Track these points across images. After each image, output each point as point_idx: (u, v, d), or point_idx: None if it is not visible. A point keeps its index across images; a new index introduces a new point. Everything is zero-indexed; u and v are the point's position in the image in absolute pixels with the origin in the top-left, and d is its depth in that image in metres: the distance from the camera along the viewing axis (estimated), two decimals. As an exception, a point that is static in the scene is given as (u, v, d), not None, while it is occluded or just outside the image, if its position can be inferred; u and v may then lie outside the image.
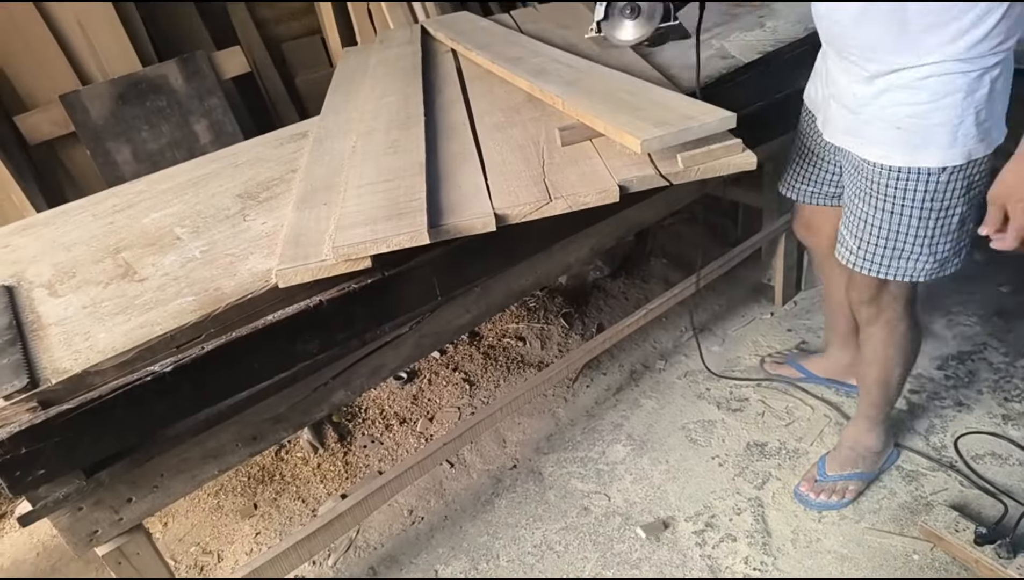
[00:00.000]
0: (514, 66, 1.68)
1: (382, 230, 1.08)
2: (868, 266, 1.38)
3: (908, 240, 1.31)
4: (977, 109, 1.18)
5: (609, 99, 1.40)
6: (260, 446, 1.26)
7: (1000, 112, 1.22)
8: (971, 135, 1.19)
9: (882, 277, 1.38)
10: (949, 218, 1.28)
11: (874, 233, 1.35)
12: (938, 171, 1.23)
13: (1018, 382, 1.93)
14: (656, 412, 2.01)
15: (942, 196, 1.25)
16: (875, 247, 1.36)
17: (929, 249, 1.31)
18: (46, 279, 1.28)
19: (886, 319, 1.47)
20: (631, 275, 2.59)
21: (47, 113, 2.30)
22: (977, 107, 1.18)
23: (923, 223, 1.28)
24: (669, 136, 1.21)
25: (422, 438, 2.04)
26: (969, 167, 1.23)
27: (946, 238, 1.30)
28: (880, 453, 1.71)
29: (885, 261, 1.35)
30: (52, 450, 0.96)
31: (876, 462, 1.71)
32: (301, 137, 1.72)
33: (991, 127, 1.21)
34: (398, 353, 1.36)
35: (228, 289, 1.15)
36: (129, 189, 1.61)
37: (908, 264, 1.34)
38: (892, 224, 1.31)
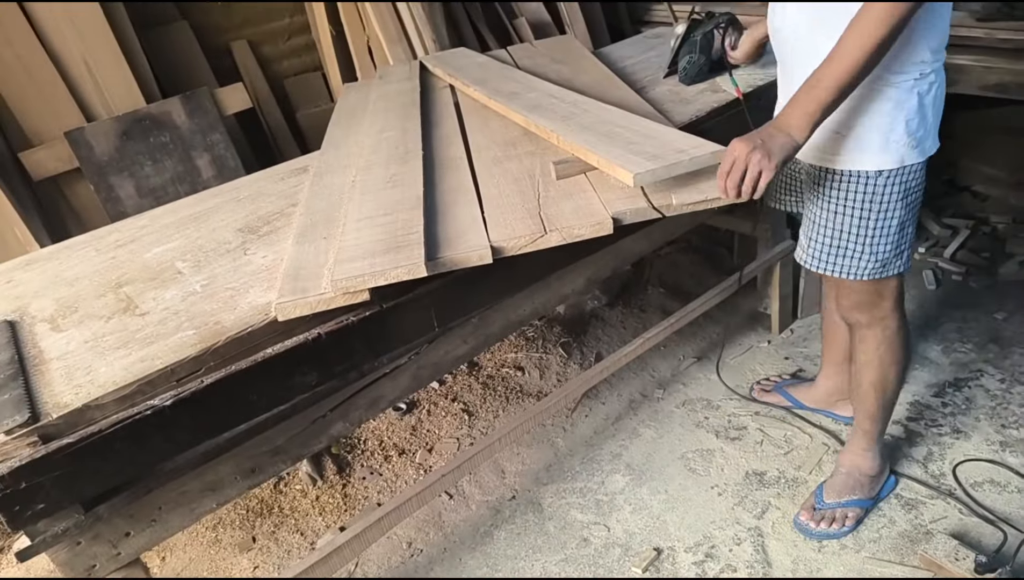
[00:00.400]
0: (510, 101, 1.71)
1: (380, 263, 1.10)
2: (816, 263, 1.47)
3: (851, 239, 1.40)
4: (908, 119, 1.28)
5: (603, 133, 1.43)
6: (259, 479, 1.26)
7: (932, 123, 1.32)
8: (903, 142, 1.30)
9: (827, 273, 1.46)
10: (888, 220, 1.37)
11: (820, 232, 1.44)
12: (875, 174, 1.33)
13: (1015, 409, 1.94)
14: (655, 441, 2.00)
15: (880, 198, 1.35)
16: (821, 245, 1.45)
17: (870, 249, 1.40)
18: (48, 314, 1.30)
19: (879, 317, 1.52)
20: (629, 304, 2.61)
21: (52, 150, 2.34)
22: (908, 117, 1.28)
23: (864, 223, 1.38)
24: (661, 169, 1.24)
25: (421, 469, 2.03)
26: (904, 172, 1.33)
27: (886, 239, 1.39)
28: (876, 478, 1.71)
29: (830, 259, 1.45)
30: (52, 484, 0.97)
31: (873, 488, 1.71)
32: (302, 172, 1.75)
33: (923, 137, 1.31)
34: (396, 384, 1.37)
35: (228, 322, 1.17)
36: (132, 224, 1.63)
37: (851, 262, 1.42)
38: (836, 224, 1.41)
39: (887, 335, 1.54)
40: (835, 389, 1.95)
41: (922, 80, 1.27)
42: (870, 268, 1.42)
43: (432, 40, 2.61)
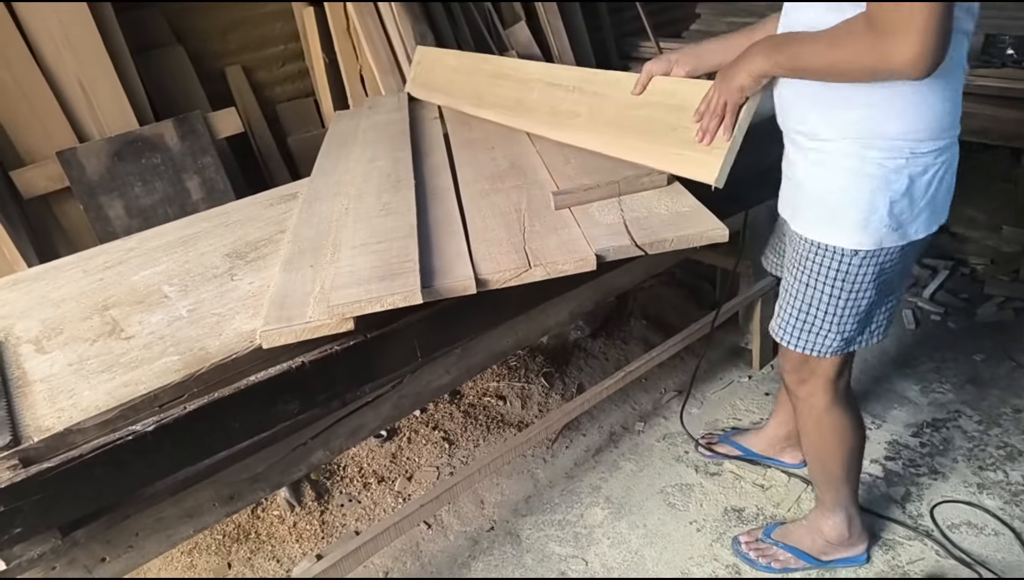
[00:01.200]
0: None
1: (376, 290, 1.12)
2: (782, 335, 1.42)
3: (819, 315, 1.35)
4: (892, 201, 1.19)
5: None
6: (237, 505, 1.26)
7: (924, 208, 1.22)
8: (884, 224, 1.21)
9: (792, 348, 1.40)
10: (859, 301, 1.31)
11: (791, 304, 1.39)
12: (851, 253, 1.26)
13: (992, 451, 1.97)
14: (635, 475, 2.02)
15: (853, 278, 1.28)
16: (790, 317, 1.40)
17: (837, 327, 1.34)
18: (34, 335, 1.30)
19: (807, 392, 1.47)
20: (611, 336, 2.63)
21: (43, 169, 2.34)
22: (892, 199, 1.19)
23: (833, 301, 1.32)
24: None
25: (400, 497, 2.03)
26: (881, 254, 1.25)
27: (854, 319, 1.34)
28: (835, 546, 1.65)
29: (796, 332, 1.39)
30: (31, 508, 0.97)
31: (826, 552, 1.66)
32: (291, 198, 1.77)
33: (908, 220, 1.22)
34: (378, 413, 1.38)
35: (213, 349, 1.18)
36: (120, 246, 1.64)
37: (816, 338, 1.37)
38: (807, 297, 1.35)
39: (813, 414, 1.49)
40: (784, 435, 1.92)
41: (914, 161, 1.17)
42: (834, 346, 1.36)
43: (425, 72, 2.65)
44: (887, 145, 1.16)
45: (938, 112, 1.14)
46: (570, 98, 1.71)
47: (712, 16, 3.90)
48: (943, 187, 1.23)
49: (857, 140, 1.18)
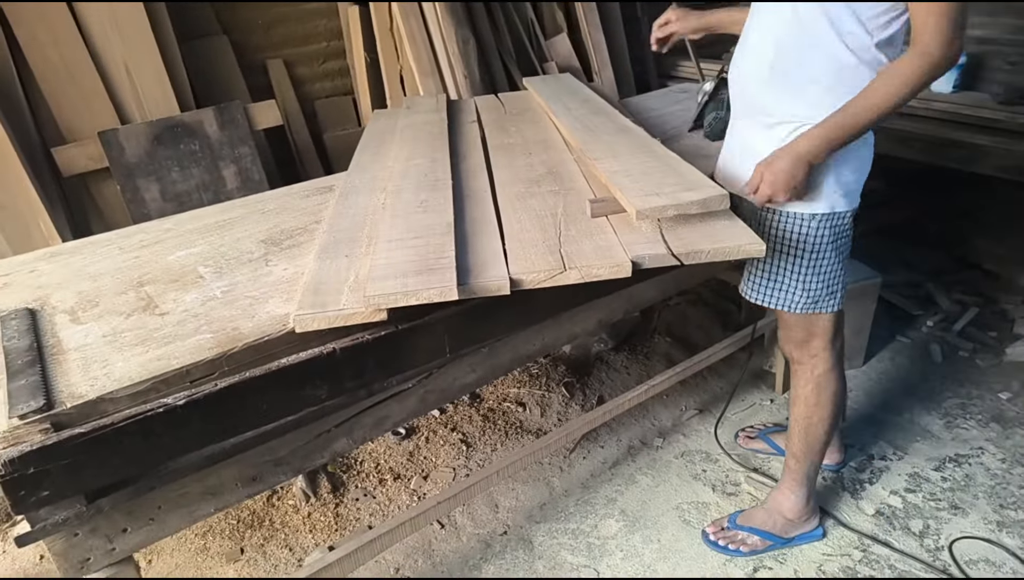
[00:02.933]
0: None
1: (412, 284, 1.12)
2: (753, 294, 1.61)
3: (784, 274, 1.54)
4: (840, 170, 1.43)
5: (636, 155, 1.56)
6: (259, 487, 1.26)
7: (860, 177, 1.47)
8: (833, 190, 1.44)
9: (763, 303, 1.59)
10: (819, 260, 1.50)
11: (759, 266, 1.58)
12: (808, 217, 1.46)
13: (1014, 490, 1.92)
14: (651, 490, 2.00)
15: (812, 239, 1.48)
16: (759, 277, 1.59)
17: (802, 285, 1.53)
18: (69, 306, 1.32)
19: (809, 355, 1.62)
20: (634, 350, 2.62)
21: (84, 148, 2.39)
22: (841, 168, 1.43)
23: (796, 261, 1.51)
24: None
25: (415, 496, 2.02)
26: (834, 218, 1.47)
27: (817, 278, 1.52)
28: (795, 522, 1.76)
29: (766, 290, 1.58)
30: (59, 472, 0.98)
31: (787, 530, 1.77)
32: (327, 190, 1.78)
33: (853, 188, 1.46)
34: (403, 406, 1.38)
35: (246, 330, 1.19)
36: (157, 226, 1.66)
37: (785, 295, 1.55)
38: (773, 259, 1.55)
39: (815, 375, 1.62)
40: None
41: (859, 138, 1.38)
42: (802, 302, 1.53)
43: (464, 76, 2.68)
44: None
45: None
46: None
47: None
48: (868, 160, 1.48)
49: (811, 119, 1.38)
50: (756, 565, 1.75)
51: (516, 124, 2.05)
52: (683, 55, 3.64)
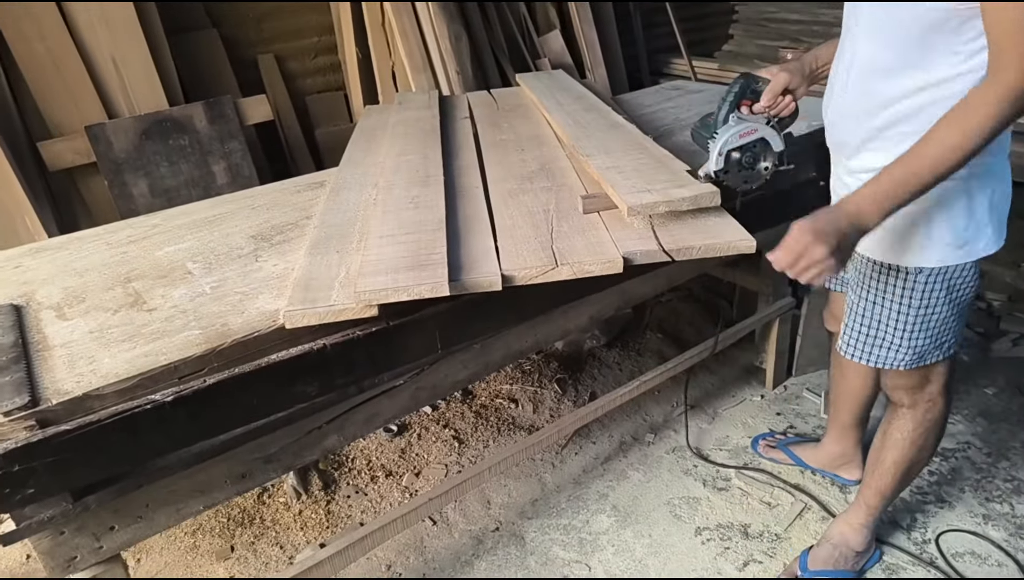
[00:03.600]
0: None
1: (404, 279, 1.12)
2: (852, 352, 1.44)
3: (888, 331, 1.37)
4: (952, 219, 1.22)
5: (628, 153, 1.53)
6: (248, 484, 1.25)
7: (986, 224, 1.24)
8: (946, 242, 1.24)
9: (862, 362, 1.43)
10: (929, 316, 1.33)
11: (860, 321, 1.41)
12: (915, 271, 1.29)
13: (1000, 483, 1.94)
14: (642, 485, 2.00)
15: (920, 294, 1.30)
16: (859, 334, 1.42)
17: (908, 342, 1.36)
18: (55, 301, 1.30)
19: (924, 400, 1.47)
20: (626, 347, 2.62)
21: (71, 142, 2.37)
22: (952, 217, 1.22)
23: (902, 318, 1.34)
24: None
25: (407, 493, 2.02)
26: (948, 272, 1.27)
27: (925, 334, 1.35)
28: (863, 554, 1.69)
29: (867, 348, 1.41)
30: (44, 470, 0.97)
31: (858, 562, 1.69)
32: (318, 186, 1.77)
33: (972, 237, 1.24)
34: (394, 403, 1.38)
35: (235, 326, 1.18)
36: (145, 221, 1.65)
37: (887, 353, 1.39)
38: (875, 314, 1.38)
39: (927, 419, 1.49)
40: (840, 453, 1.94)
41: (971, 180, 1.19)
42: (907, 359, 1.37)
43: (456, 72, 2.67)
44: None
45: None
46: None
47: (745, 37, 3.90)
48: (1003, 203, 1.26)
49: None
50: (746, 559, 1.76)
51: (509, 120, 2.04)
52: (675, 52, 3.65)
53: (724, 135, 1.31)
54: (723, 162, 1.32)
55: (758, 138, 1.32)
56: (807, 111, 2.02)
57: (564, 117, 1.87)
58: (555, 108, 1.96)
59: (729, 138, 1.31)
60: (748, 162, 1.34)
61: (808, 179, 1.85)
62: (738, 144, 1.32)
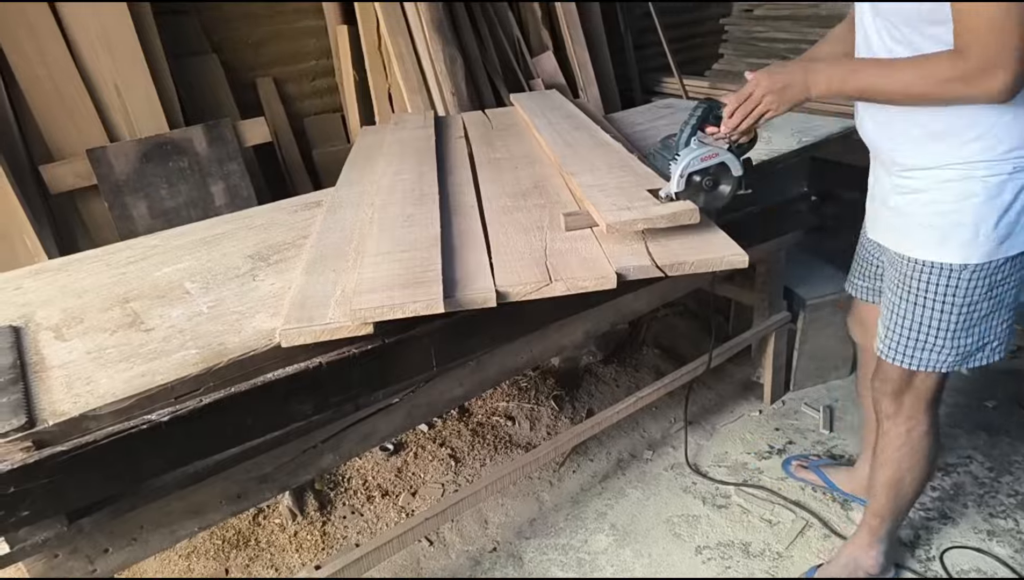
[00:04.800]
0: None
1: (399, 297, 1.13)
2: (893, 355, 1.42)
3: (932, 332, 1.36)
4: (999, 214, 1.24)
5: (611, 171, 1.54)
6: (243, 505, 1.25)
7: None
8: (991, 237, 1.25)
9: (906, 366, 1.41)
10: (971, 314, 1.33)
11: (901, 323, 1.40)
12: (959, 268, 1.29)
13: (1003, 498, 1.93)
14: (641, 503, 1.99)
15: (964, 292, 1.31)
16: (900, 337, 1.41)
17: (952, 342, 1.36)
18: (54, 322, 1.31)
19: (906, 416, 1.48)
20: (623, 363, 2.62)
21: (72, 165, 2.39)
22: (999, 212, 1.24)
23: (945, 317, 1.34)
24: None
25: (403, 512, 2.01)
26: (990, 267, 1.28)
27: (968, 333, 1.35)
28: (877, 577, 1.66)
29: (909, 351, 1.40)
30: (40, 492, 0.97)
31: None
32: (315, 206, 1.79)
33: (1017, 232, 1.26)
34: (390, 421, 1.38)
35: (232, 345, 1.18)
36: (144, 242, 1.66)
37: (931, 355, 1.38)
38: (917, 315, 1.37)
39: (911, 437, 1.49)
40: None
41: (1017, 174, 1.22)
42: (950, 360, 1.37)
43: (451, 93, 2.70)
44: (989, 160, 1.22)
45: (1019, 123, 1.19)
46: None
47: (735, 56, 3.94)
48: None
49: (956, 166, 1.24)
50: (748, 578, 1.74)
51: (503, 139, 2.06)
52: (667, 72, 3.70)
53: (686, 158, 1.33)
54: (684, 184, 1.34)
55: (718, 162, 1.34)
56: (797, 128, 2.05)
57: (553, 136, 1.89)
58: (545, 127, 1.99)
59: (691, 161, 1.32)
60: (708, 185, 1.35)
61: (800, 194, 1.87)
62: (699, 167, 1.33)
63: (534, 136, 2.02)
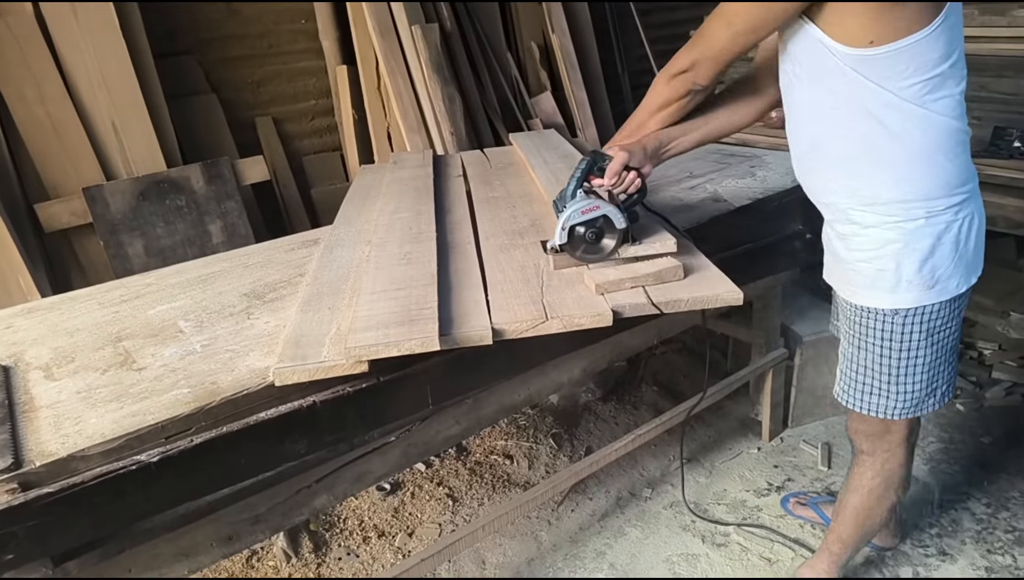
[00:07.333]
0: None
1: (394, 335, 1.12)
2: (846, 398, 1.45)
3: (875, 376, 1.37)
4: (920, 260, 1.24)
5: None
6: (235, 547, 1.23)
7: (958, 261, 1.27)
8: (915, 283, 1.26)
9: (861, 411, 1.42)
10: (913, 361, 1.33)
11: (850, 366, 1.42)
12: (891, 313, 1.30)
13: (1000, 535, 1.91)
14: (640, 542, 1.96)
15: (900, 337, 1.31)
16: (850, 380, 1.43)
17: (896, 387, 1.36)
18: (44, 362, 1.30)
19: (883, 450, 1.48)
20: (622, 400, 2.60)
21: (68, 204, 2.39)
22: (920, 258, 1.24)
23: (885, 361, 1.35)
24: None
25: (400, 554, 1.97)
26: (923, 312, 1.29)
27: (914, 379, 1.35)
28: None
29: (858, 394, 1.42)
30: (26, 535, 0.95)
31: None
32: (312, 244, 1.79)
33: (945, 276, 1.26)
34: (385, 460, 1.36)
35: (224, 384, 1.17)
36: (138, 281, 1.66)
37: (880, 400, 1.39)
38: (861, 359, 1.39)
39: (885, 469, 1.50)
40: None
41: (934, 218, 1.23)
42: (899, 407, 1.37)
43: (450, 132, 2.73)
44: (901, 209, 1.23)
45: (946, 171, 1.21)
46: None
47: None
48: (972, 240, 1.27)
49: (872, 208, 1.25)
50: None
51: (500, 178, 2.08)
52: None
53: (568, 210, 1.31)
54: (567, 236, 1.32)
55: (601, 214, 1.31)
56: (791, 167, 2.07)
57: (548, 175, 1.91)
58: (540, 166, 2.00)
59: (572, 213, 1.30)
60: (591, 237, 1.32)
61: (795, 232, 1.88)
62: (581, 220, 1.30)
63: (531, 175, 2.04)
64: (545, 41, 3.28)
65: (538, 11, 3.24)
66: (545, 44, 3.28)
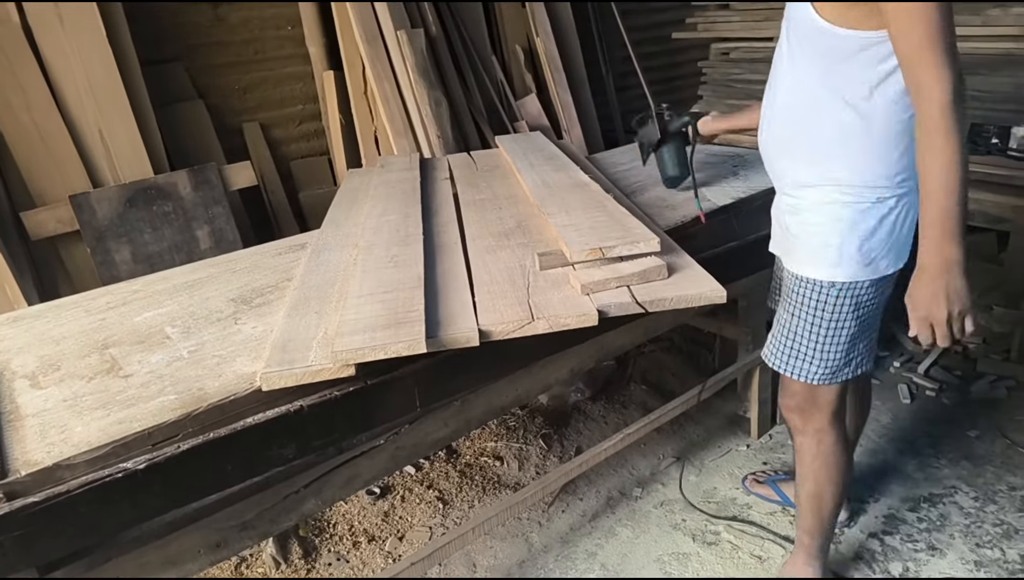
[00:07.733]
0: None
1: (380, 338, 1.12)
2: (772, 359, 1.55)
3: (802, 342, 1.47)
4: (862, 239, 1.34)
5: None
6: (223, 554, 1.23)
7: (892, 246, 1.36)
8: (855, 260, 1.36)
9: (780, 370, 1.52)
10: (839, 331, 1.43)
11: (781, 331, 1.52)
12: (827, 285, 1.40)
13: (989, 528, 1.92)
14: (631, 542, 1.96)
15: (832, 308, 1.41)
16: (779, 343, 1.52)
17: (821, 355, 1.45)
18: (30, 370, 1.30)
19: (814, 429, 1.55)
20: (611, 399, 2.61)
21: (54, 211, 2.38)
22: (862, 237, 1.34)
23: (814, 329, 1.44)
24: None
25: (390, 558, 1.97)
26: (856, 287, 1.38)
27: (836, 348, 1.44)
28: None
29: (783, 357, 1.51)
30: (11, 545, 0.95)
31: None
32: (300, 248, 1.79)
33: (879, 257, 1.36)
34: (373, 464, 1.36)
35: (211, 389, 1.17)
36: (124, 288, 1.65)
37: (802, 364, 1.48)
38: (792, 325, 1.48)
39: (822, 450, 1.55)
40: None
41: (880, 204, 1.32)
42: (820, 373, 1.47)
43: (436, 136, 2.74)
44: (854, 191, 1.33)
45: (894, 162, 1.30)
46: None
47: (714, 97, 4.03)
48: (906, 227, 1.37)
49: (829, 187, 1.35)
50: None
51: (487, 180, 2.09)
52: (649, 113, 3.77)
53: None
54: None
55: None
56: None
57: (533, 177, 1.92)
58: (526, 168, 2.02)
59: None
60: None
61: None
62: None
63: (517, 177, 2.05)
64: (530, 44, 3.29)
65: (522, 14, 3.25)
66: (530, 47, 3.29)
